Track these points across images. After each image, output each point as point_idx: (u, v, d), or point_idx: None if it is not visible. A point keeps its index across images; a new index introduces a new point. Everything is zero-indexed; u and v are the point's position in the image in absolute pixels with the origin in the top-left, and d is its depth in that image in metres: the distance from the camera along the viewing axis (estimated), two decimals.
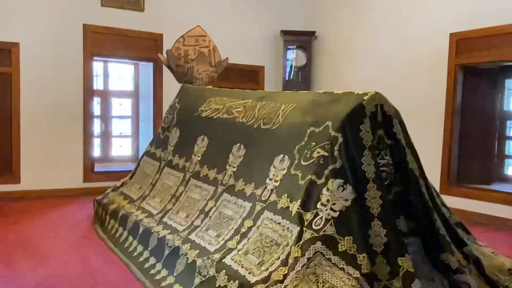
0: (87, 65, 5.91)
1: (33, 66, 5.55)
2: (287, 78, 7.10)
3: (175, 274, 2.81)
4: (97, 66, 6.51)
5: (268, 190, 2.72)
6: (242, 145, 3.22)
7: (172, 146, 4.19)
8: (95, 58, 6.07)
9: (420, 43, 5.47)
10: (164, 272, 2.90)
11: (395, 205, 2.43)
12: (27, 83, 5.53)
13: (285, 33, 7.06)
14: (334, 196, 2.33)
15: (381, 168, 2.43)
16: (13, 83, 5.46)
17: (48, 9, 5.62)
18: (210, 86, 4.85)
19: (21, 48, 5.47)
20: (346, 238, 2.25)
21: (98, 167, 6.34)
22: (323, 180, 2.40)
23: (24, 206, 5.14)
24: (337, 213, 2.29)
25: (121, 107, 7.14)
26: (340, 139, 2.44)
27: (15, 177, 5.55)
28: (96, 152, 6.56)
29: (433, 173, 5.16)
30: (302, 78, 7.09)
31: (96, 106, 6.55)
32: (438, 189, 5.16)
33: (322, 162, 2.44)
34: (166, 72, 6.04)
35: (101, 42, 5.98)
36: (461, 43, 5.05)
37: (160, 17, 6.31)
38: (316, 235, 2.27)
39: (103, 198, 4.44)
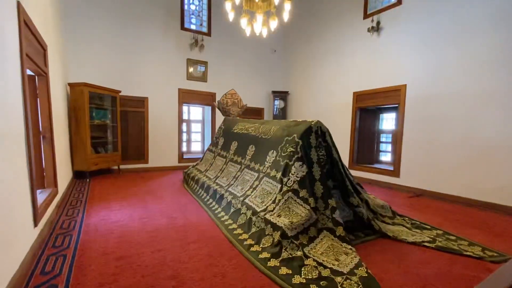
0: (180, 108, 5.92)
1: (154, 107, 5.55)
2: (275, 113, 7.08)
3: (221, 206, 2.82)
4: (185, 108, 6.52)
5: (266, 167, 2.73)
6: (253, 146, 3.23)
7: (220, 146, 4.19)
8: (183, 104, 6.08)
9: (340, 96, 5.41)
10: (216, 206, 2.91)
11: (326, 174, 2.45)
12: (152, 115, 5.55)
13: (273, 92, 7.04)
14: (297, 170, 2.33)
15: (320, 157, 2.44)
16: (145, 116, 5.49)
17: (162, 80, 5.64)
18: (238, 118, 4.85)
19: (150, 99, 5.50)
20: (303, 190, 2.25)
21: (185, 155, 6.35)
22: (292, 162, 2.41)
23: (150, 174, 5.16)
24: (299, 178, 2.30)
25: (196, 126, 7.13)
26: (300, 143, 2.45)
27: (146, 160, 5.58)
28: (184, 148, 6.56)
29: (342, 158, 5.12)
30: (282, 113, 7.07)
31: (184, 126, 6.56)
32: (347, 166, 5.13)
33: (292, 154, 2.46)
34: (217, 111, 6.06)
35: (186, 97, 5.99)
36: (358, 96, 5.01)
37: (214, 84, 6.31)
38: (289, 188, 2.27)
39: (187, 171, 4.45)
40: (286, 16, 3.65)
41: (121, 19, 5.13)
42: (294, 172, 2.32)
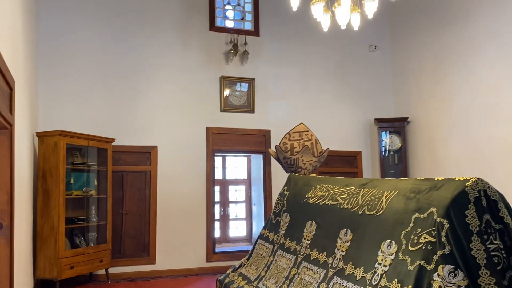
0: (209, 160, 6.28)
1: (167, 162, 6.04)
2: (383, 159, 6.94)
3: None
4: (218, 160, 6.89)
5: (378, 275, 2.58)
6: (349, 230, 3.12)
7: (283, 230, 4.18)
8: (215, 153, 6.44)
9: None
10: None
11: None
12: (162, 177, 6.00)
13: (379, 120, 7.02)
14: (446, 282, 2.16)
15: (492, 253, 2.23)
16: (151, 178, 5.94)
17: (179, 117, 6.21)
18: (314, 174, 4.88)
19: (159, 149, 6.02)
20: None
21: (218, 247, 6.48)
22: (432, 265, 2.25)
23: (159, 284, 5.35)
24: None
25: (236, 193, 7.38)
26: (446, 225, 2.31)
27: (151, 258, 5.84)
28: (217, 233, 6.75)
29: None
30: (398, 160, 6.88)
31: (217, 193, 6.85)
32: None
33: (430, 247, 2.30)
34: (273, 162, 6.24)
35: (220, 141, 6.37)
36: None
37: (267, 116, 6.65)
38: None
39: (225, 278, 4.45)
40: None
41: (113, 30, 6.02)
42: (439, 287, 2.14)
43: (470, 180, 2.39)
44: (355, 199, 3.29)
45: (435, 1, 6.47)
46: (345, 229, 3.16)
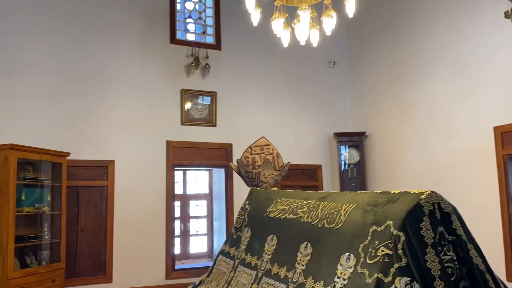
0: (169, 174, 6.18)
1: (125, 177, 5.90)
2: (342, 173, 7.07)
3: None
4: (178, 174, 6.78)
5: None
6: (309, 244, 3.11)
7: (244, 245, 4.13)
8: (175, 168, 6.34)
9: (467, 136, 5.31)
10: None
11: None
12: (119, 192, 5.85)
13: (338, 134, 7.16)
14: None
15: (445, 264, 2.28)
16: (108, 193, 5.78)
17: (138, 130, 6.10)
18: (276, 188, 4.89)
19: (116, 164, 5.87)
20: None
21: (177, 264, 6.35)
22: (390, 278, 2.26)
23: None
24: None
25: (197, 208, 7.28)
26: (403, 238, 2.34)
27: (108, 276, 5.65)
28: (177, 249, 6.61)
29: (498, 264, 4.76)
30: (356, 173, 7.02)
31: (178, 209, 6.73)
32: (504, 279, 4.71)
33: (387, 260, 2.32)
34: (235, 176, 6.21)
35: (180, 155, 6.30)
36: (506, 135, 4.87)
37: (229, 130, 6.65)
38: None
39: None
40: (350, 8, 3.89)
41: (68, 40, 5.86)
42: None
43: (425, 193, 2.44)
44: (315, 212, 3.30)
45: (390, 20, 6.72)
46: (305, 243, 3.15)
